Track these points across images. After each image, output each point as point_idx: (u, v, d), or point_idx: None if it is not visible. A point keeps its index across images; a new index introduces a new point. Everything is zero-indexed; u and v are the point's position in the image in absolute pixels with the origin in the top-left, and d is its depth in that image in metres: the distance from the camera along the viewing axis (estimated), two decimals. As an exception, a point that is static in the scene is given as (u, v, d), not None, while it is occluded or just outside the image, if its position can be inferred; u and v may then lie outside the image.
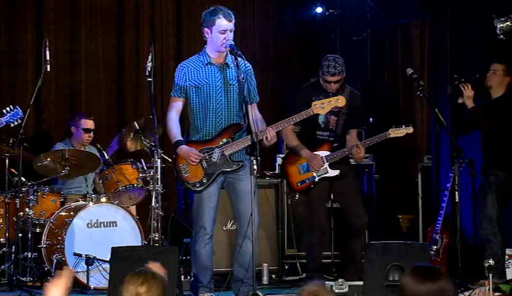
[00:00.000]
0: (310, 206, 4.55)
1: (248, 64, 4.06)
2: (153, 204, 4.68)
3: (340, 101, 4.09)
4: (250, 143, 3.79)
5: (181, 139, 3.98)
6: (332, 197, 4.87)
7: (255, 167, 3.64)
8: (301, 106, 4.34)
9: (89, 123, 5.32)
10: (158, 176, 4.79)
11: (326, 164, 4.47)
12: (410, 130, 4.52)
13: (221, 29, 3.89)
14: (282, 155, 5.67)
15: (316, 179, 4.48)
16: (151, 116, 4.72)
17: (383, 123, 5.74)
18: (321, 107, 4.03)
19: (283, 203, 5.40)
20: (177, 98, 4.03)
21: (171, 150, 4.11)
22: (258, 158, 3.66)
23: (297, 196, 4.80)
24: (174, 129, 3.98)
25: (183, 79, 4.00)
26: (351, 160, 4.74)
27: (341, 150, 4.50)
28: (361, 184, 5.61)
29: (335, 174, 4.48)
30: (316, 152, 4.48)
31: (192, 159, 3.91)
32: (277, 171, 5.63)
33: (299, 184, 4.50)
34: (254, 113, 4.04)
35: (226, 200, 4.13)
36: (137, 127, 5.25)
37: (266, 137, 3.88)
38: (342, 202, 4.60)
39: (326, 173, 4.47)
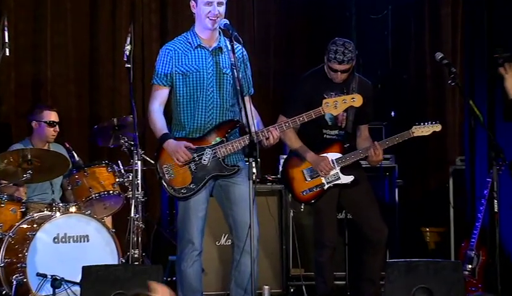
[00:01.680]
0: (318, 219, 4.57)
1: (244, 50, 4.08)
2: (132, 215, 4.69)
3: (356, 100, 4.10)
4: (247, 143, 3.82)
5: (166, 131, 3.97)
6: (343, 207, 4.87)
7: (254, 170, 3.65)
8: (303, 101, 4.33)
9: (52, 115, 5.32)
10: (139, 181, 4.79)
11: (337, 169, 4.47)
12: (437, 128, 4.51)
13: None
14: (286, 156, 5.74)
15: (325, 187, 4.48)
16: (131, 116, 4.71)
17: (407, 117, 5.76)
18: (334, 107, 4.05)
19: (287, 214, 5.43)
20: (160, 87, 4.03)
21: (154, 150, 4.09)
22: (258, 160, 3.69)
23: (303, 207, 4.81)
24: (159, 122, 3.98)
25: (168, 65, 4.01)
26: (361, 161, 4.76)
27: (354, 152, 4.51)
28: (381, 190, 5.63)
29: (349, 181, 4.47)
30: (324, 155, 4.50)
31: (180, 156, 3.89)
32: (280, 175, 5.63)
33: (304, 193, 4.51)
34: (249, 105, 4.04)
35: (217, 210, 4.13)
36: (115, 123, 5.29)
37: (268, 138, 3.90)
38: (355, 213, 4.61)
39: (337, 180, 4.48)
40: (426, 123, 4.49)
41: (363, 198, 4.53)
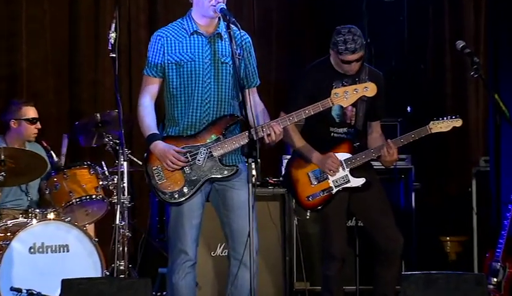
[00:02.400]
0: (326, 227, 4.56)
1: (246, 35, 4.08)
2: (117, 222, 4.70)
3: (370, 89, 4.07)
4: (247, 141, 3.81)
5: (156, 132, 3.97)
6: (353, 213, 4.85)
7: (254, 172, 3.64)
8: (307, 96, 4.32)
9: (31, 111, 5.31)
10: (125, 184, 4.80)
11: (347, 171, 4.46)
12: (458, 123, 4.51)
13: None
14: (289, 156, 5.72)
15: (334, 191, 4.47)
16: (116, 111, 4.73)
17: (424, 113, 5.75)
18: (344, 97, 4.02)
19: (291, 221, 5.43)
20: (151, 79, 4.03)
21: (142, 150, 4.09)
22: (259, 160, 3.68)
23: (308, 214, 4.80)
24: (148, 119, 3.97)
25: (160, 53, 4.00)
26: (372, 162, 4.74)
27: (365, 152, 4.50)
28: (396, 194, 5.63)
29: (360, 184, 4.47)
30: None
31: (169, 161, 3.89)
32: (283, 179, 5.63)
33: (310, 198, 4.50)
34: (253, 100, 4.06)
35: (214, 216, 4.11)
36: (98, 119, 5.30)
37: (269, 135, 3.89)
38: (367, 220, 4.60)
39: (346, 183, 4.47)
40: (445, 118, 4.49)
41: (376, 203, 4.52)
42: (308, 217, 4.94)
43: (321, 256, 4.66)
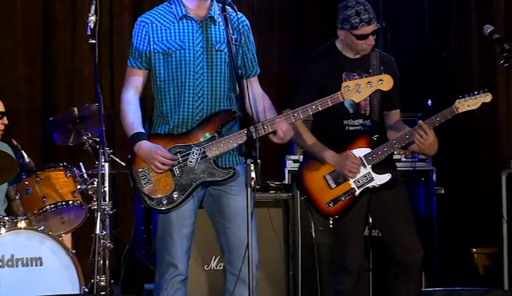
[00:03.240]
0: (341, 236, 4.56)
1: (244, 18, 4.08)
2: (97, 231, 4.67)
3: (385, 82, 4.08)
4: (245, 139, 3.78)
5: (142, 130, 3.96)
6: (370, 220, 4.84)
7: (254, 175, 3.64)
8: (314, 88, 4.32)
9: (-2, 105, 5.37)
10: (106, 188, 4.79)
11: (369, 168, 4.46)
12: (487, 98, 4.47)
13: None
14: (295, 157, 5.75)
15: (357, 193, 4.46)
16: (96, 104, 4.73)
17: (447, 106, 5.72)
18: (356, 91, 4.03)
19: (296, 230, 5.43)
20: (135, 70, 4.04)
21: (126, 149, 4.08)
22: (259, 161, 3.68)
23: (332, 222, 4.73)
24: (131, 116, 3.98)
25: (145, 41, 4.00)
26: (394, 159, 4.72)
27: (387, 144, 4.48)
28: (415, 199, 5.62)
29: (386, 181, 4.46)
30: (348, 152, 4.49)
31: (157, 163, 3.88)
32: (286, 181, 5.65)
33: (331, 204, 4.47)
34: (254, 92, 4.07)
35: (207, 225, 4.12)
36: (76, 114, 5.31)
37: (276, 133, 3.90)
38: (385, 227, 4.60)
39: (370, 181, 4.47)
40: (472, 94, 4.49)
41: (398, 208, 4.51)
42: (331, 225, 4.90)
43: (332, 268, 4.65)
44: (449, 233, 5.96)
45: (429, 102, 6.20)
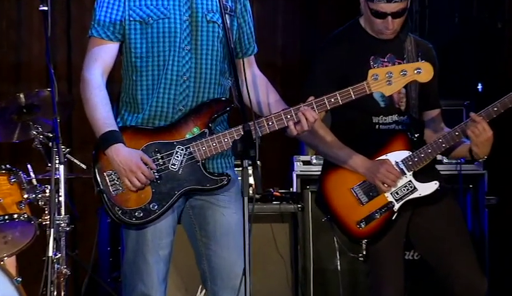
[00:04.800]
0: (376, 263, 4.59)
1: None
2: (50, 253, 4.64)
3: (423, 72, 4.05)
4: (242, 135, 3.81)
5: (115, 128, 3.94)
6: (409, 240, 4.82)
7: (252, 181, 3.68)
8: (333, 76, 4.36)
9: None
10: (61, 198, 4.81)
11: (409, 175, 4.49)
12: None
13: None
14: (305, 158, 5.77)
15: (396, 207, 4.49)
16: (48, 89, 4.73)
17: (501, 90, 5.72)
18: (386, 81, 4.02)
19: (306, 252, 5.49)
20: (103, 42, 4.03)
21: (87, 148, 4.06)
22: (258, 163, 3.66)
23: (364, 247, 4.69)
24: (104, 108, 3.97)
25: (115, 7, 4.01)
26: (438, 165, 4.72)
27: (431, 144, 4.51)
28: (462, 211, 5.57)
29: (432, 191, 4.49)
30: (382, 158, 4.52)
31: (135, 179, 3.86)
32: (294, 188, 5.68)
33: (363, 224, 4.50)
34: (252, 75, 4.12)
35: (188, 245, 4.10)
36: (22, 102, 5.31)
37: (298, 122, 3.90)
38: (433, 254, 4.62)
39: (412, 192, 4.49)
40: None
41: (448, 227, 4.54)
42: (364, 253, 4.91)
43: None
44: (503, 250, 6.00)
45: (479, 87, 6.20)
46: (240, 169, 3.59)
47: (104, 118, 3.92)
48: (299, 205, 5.52)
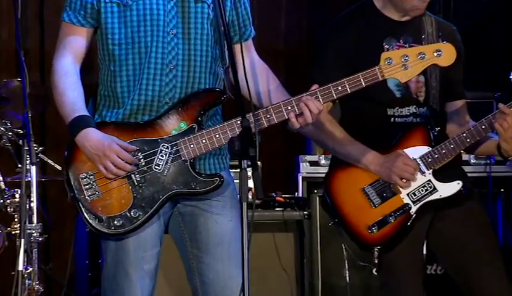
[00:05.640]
0: (392, 276, 4.61)
1: None
2: (20, 267, 4.66)
3: (444, 53, 4.05)
4: (239, 131, 3.81)
5: (86, 113, 3.97)
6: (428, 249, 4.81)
7: (251, 184, 3.62)
8: (342, 60, 4.39)
9: None
10: (33, 204, 4.82)
11: (429, 174, 4.51)
12: None
13: None
14: (312, 158, 5.79)
15: (413, 210, 4.50)
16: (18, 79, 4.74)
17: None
18: (401, 65, 4.02)
19: (314, 264, 5.54)
20: (76, 28, 4.06)
21: (63, 147, 4.03)
22: (259, 164, 3.69)
23: (376, 256, 4.71)
24: (72, 93, 3.99)
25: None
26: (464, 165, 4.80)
27: (453, 139, 4.52)
28: (491, 217, 5.53)
29: (455, 192, 4.50)
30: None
31: (109, 164, 3.87)
32: (300, 193, 5.69)
33: (375, 229, 4.52)
34: (250, 62, 4.14)
35: (177, 256, 4.13)
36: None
37: (300, 115, 3.90)
38: (455, 265, 4.64)
39: (431, 193, 4.51)
40: None
41: (474, 235, 4.54)
42: (376, 261, 4.92)
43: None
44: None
45: (511, 76, 6.20)
46: (238, 170, 3.59)
47: (72, 103, 3.94)
48: (305, 212, 5.54)
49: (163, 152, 3.93)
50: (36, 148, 4.84)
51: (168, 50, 3.97)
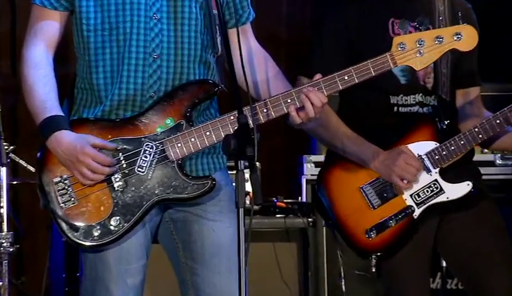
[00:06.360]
0: (393, 287, 4.67)
1: None
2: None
3: (465, 37, 4.06)
4: (235, 128, 3.86)
5: (59, 113, 3.99)
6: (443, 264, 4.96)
7: (249, 188, 3.65)
8: (345, 46, 4.46)
9: None
10: (3, 210, 4.89)
11: (435, 173, 4.55)
12: None
13: None
14: (317, 158, 5.83)
15: (416, 213, 4.50)
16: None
17: None
18: (416, 51, 4.03)
19: (320, 277, 5.59)
20: (48, 12, 4.09)
21: (36, 145, 4.04)
22: (258, 165, 3.75)
23: (374, 263, 4.74)
24: (43, 89, 4.01)
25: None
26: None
27: (464, 134, 4.56)
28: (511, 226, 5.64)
29: (464, 194, 4.54)
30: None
31: (84, 169, 3.88)
32: (304, 197, 5.73)
33: (373, 234, 4.57)
34: (248, 49, 4.19)
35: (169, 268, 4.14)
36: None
37: (302, 108, 3.93)
38: (466, 274, 4.71)
39: (437, 194, 4.56)
40: None
41: (488, 242, 4.57)
42: (373, 269, 4.90)
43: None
44: None
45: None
46: (234, 172, 3.59)
47: (42, 100, 3.94)
48: (310, 219, 5.57)
49: (147, 152, 3.93)
50: (6, 147, 4.83)
51: (151, 38, 3.99)
